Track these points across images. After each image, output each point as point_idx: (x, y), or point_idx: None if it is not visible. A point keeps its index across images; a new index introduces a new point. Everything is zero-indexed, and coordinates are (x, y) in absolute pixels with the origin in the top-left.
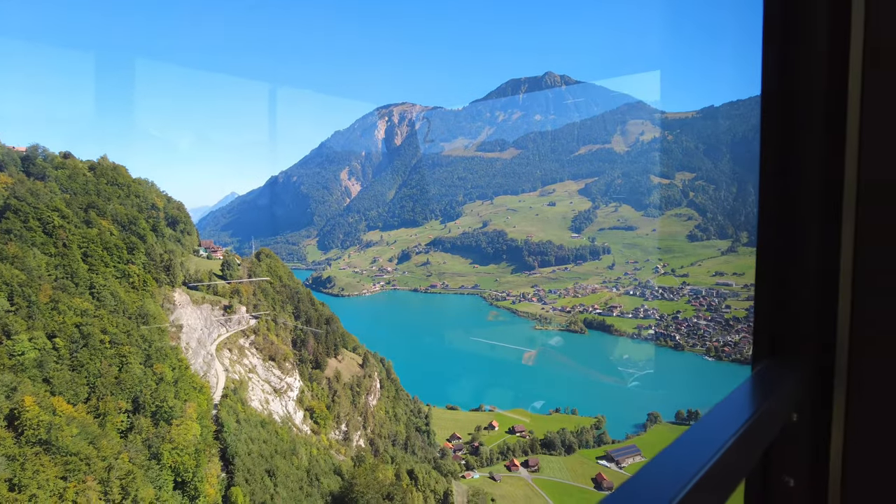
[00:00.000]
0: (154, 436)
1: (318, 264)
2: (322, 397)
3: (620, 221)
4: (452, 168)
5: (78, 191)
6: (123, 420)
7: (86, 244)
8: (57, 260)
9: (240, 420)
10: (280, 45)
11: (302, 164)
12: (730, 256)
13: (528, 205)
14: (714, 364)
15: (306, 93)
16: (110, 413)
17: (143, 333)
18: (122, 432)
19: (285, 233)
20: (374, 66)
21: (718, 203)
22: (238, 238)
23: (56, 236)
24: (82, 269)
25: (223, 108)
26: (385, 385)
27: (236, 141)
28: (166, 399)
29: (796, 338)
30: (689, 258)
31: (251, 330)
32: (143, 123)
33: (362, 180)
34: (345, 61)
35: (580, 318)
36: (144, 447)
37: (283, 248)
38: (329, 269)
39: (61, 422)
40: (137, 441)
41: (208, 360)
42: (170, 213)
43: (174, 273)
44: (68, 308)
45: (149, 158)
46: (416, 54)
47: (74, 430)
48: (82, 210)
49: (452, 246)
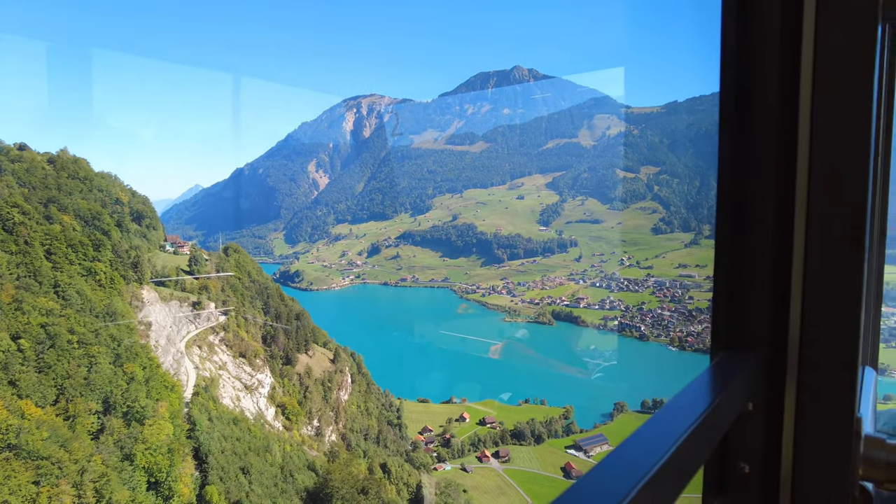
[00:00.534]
0: (126, 436)
1: (285, 258)
2: (293, 393)
3: (587, 215)
4: (422, 161)
5: (37, 185)
6: (94, 422)
7: (49, 241)
8: (18, 258)
9: (212, 418)
10: (244, 34)
11: (268, 155)
12: (692, 249)
13: (497, 198)
14: (677, 353)
15: (272, 82)
16: (80, 415)
17: (112, 332)
18: (94, 434)
19: (251, 226)
20: (341, 57)
21: (682, 196)
22: (203, 231)
23: (17, 233)
24: (46, 266)
25: (186, 98)
26: (356, 379)
27: (200, 132)
28: (138, 399)
29: (751, 331)
30: (653, 250)
31: (221, 326)
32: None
33: (330, 173)
34: (311, 51)
35: (548, 310)
36: (117, 448)
37: (249, 242)
38: (297, 263)
39: (31, 425)
40: (109, 442)
41: (178, 358)
42: (135, 208)
43: (142, 270)
44: (33, 308)
45: (107, 150)
46: (385, 46)
47: (45, 434)
48: (42, 205)
49: (423, 239)
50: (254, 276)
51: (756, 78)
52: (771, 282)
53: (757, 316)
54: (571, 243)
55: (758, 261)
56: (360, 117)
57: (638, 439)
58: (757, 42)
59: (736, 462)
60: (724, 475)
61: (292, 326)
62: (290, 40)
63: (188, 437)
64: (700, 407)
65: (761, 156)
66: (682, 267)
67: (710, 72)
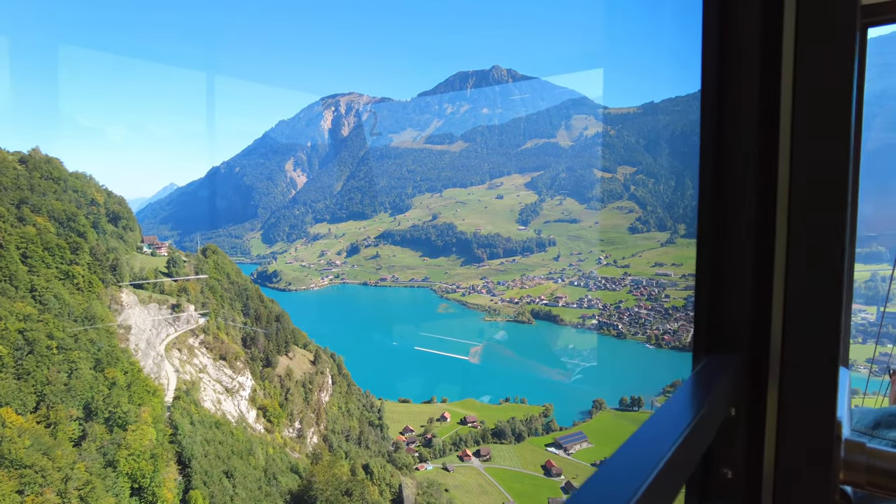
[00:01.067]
0: (109, 443)
1: (263, 258)
2: (275, 396)
3: (565, 214)
4: (401, 160)
5: (8, 186)
6: (75, 428)
7: (24, 244)
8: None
9: (194, 422)
10: (221, 30)
11: (245, 154)
12: (668, 248)
13: (476, 197)
14: (654, 351)
15: (249, 80)
16: (62, 422)
17: (92, 337)
18: (75, 441)
19: (228, 225)
20: (319, 55)
21: (658, 196)
22: (179, 231)
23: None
24: (22, 270)
25: (160, 95)
26: (337, 381)
27: (174, 129)
28: (120, 404)
29: (733, 334)
30: (630, 249)
31: (200, 329)
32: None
33: (308, 172)
34: (289, 48)
35: (528, 309)
36: (100, 455)
37: (225, 242)
38: (275, 263)
39: (12, 434)
40: (92, 449)
41: (158, 362)
42: (111, 209)
43: (120, 272)
44: (10, 313)
45: (77, 147)
46: (363, 44)
47: (27, 442)
48: (14, 206)
49: (402, 239)
50: (233, 277)
51: (737, 75)
52: (752, 283)
53: (739, 318)
54: (550, 242)
55: (739, 262)
56: (338, 116)
57: (628, 452)
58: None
59: (719, 468)
60: (706, 482)
61: (272, 328)
62: (268, 37)
63: (171, 441)
64: (686, 417)
65: (742, 155)
66: (658, 265)
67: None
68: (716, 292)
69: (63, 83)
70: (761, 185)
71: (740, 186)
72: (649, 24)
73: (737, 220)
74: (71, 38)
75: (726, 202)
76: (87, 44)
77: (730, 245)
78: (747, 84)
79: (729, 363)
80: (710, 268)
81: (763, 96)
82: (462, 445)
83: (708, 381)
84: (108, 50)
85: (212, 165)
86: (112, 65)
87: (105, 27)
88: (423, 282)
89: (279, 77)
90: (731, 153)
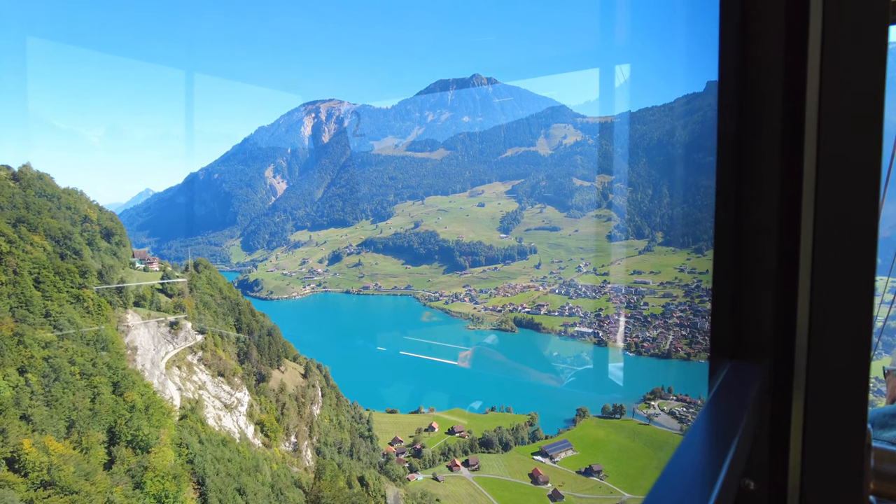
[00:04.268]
0: (137, 465)
1: (243, 266)
2: (271, 410)
3: (545, 222)
4: (382, 167)
5: (5, 205)
6: (103, 453)
7: (37, 269)
8: (9, 288)
9: (202, 440)
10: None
11: (224, 160)
12: (646, 255)
13: (458, 205)
14: (634, 358)
15: (228, 84)
16: (93, 447)
17: (107, 361)
18: (105, 464)
19: (207, 233)
20: (299, 61)
21: (635, 204)
22: (157, 238)
23: (6, 263)
24: (36, 296)
25: (134, 96)
26: (326, 392)
27: (149, 132)
28: (141, 427)
29: (756, 340)
30: (609, 257)
31: (198, 346)
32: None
33: (288, 178)
34: (268, 53)
35: (511, 317)
36: (128, 477)
37: (205, 250)
38: (256, 271)
39: (58, 461)
40: (121, 472)
41: (162, 381)
42: (104, 225)
43: (126, 293)
44: (33, 341)
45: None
46: (344, 50)
47: (70, 468)
48: (11, 226)
49: (384, 247)
50: (225, 292)
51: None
52: (776, 288)
53: (762, 323)
54: (531, 250)
55: (763, 266)
56: (318, 122)
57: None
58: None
59: (741, 479)
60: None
61: (264, 342)
62: (248, 41)
63: (188, 461)
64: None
65: (764, 154)
66: (636, 273)
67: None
68: (738, 297)
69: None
70: (784, 185)
71: (761, 187)
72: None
73: (758, 221)
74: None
75: (747, 203)
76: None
77: (751, 248)
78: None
79: (754, 370)
80: (730, 272)
81: (788, 93)
82: (451, 455)
83: (735, 389)
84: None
85: (189, 171)
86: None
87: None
88: (405, 290)
89: (259, 81)
90: (753, 151)
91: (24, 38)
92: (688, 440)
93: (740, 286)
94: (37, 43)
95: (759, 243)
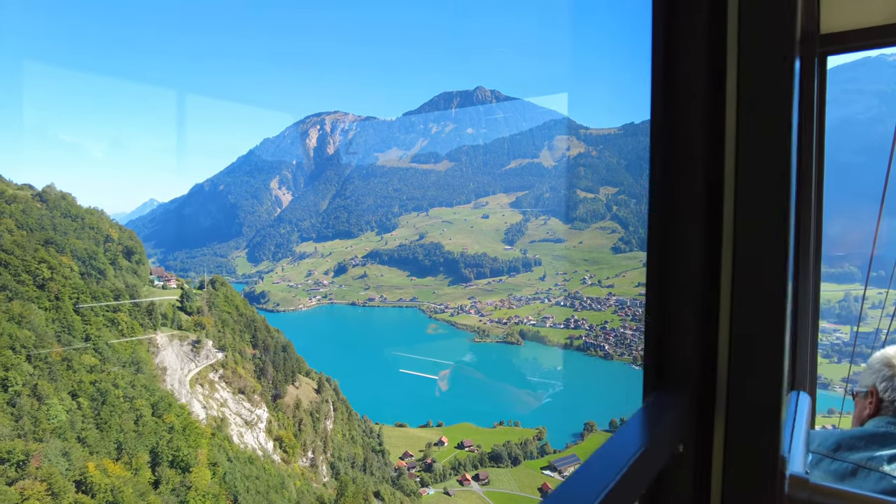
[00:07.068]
0: (181, 485)
1: (248, 277)
2: (288, 426)
3: (549, 234)
4: (387, 179)
5: (34, 227)
6: (149, 473)
7: (76, 295)
8: (52, 314)
9: (230, 458)
10: (205, 47)
11: (229, 171)
12: None
13: (462, 217)
14: (639, 372)
15: (233, 98)
16: (142, 468)
17: (143, 383)
18: (153, 484)
19: (212, 244)
20: (305, 74)
21: (639, 216)
22: (162, 249)
23: (48, 289)
24: (77, 321)
25: (139, 110)
26: (337, 407)
27: (154, 143)
28: (180, 448)
29: (682, 369)
30: (613, 269)
31: (219, 363)
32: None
33: (294, 190)
34: (274, 68)
35: (516, 330)
36: (174, 497)
37: (210, 261)
38: (262, 283)
39: (119, 483)
40: (167, 492)
41: (188, 400)
42: (125, 244)
43: (154, 314)
44: (80, 365)
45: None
46: (349, 64)
47: (129, 489)
48: (41, 247)
49: (390, 258)
50: (242, 309)
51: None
52: (699, 322)
53: (686, 357)
54: (536, 262)
55: (686, 301)
56: (323, 134)
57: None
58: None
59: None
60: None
61: (279, 358)
62: (253, 55)
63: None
64: (631, 452)
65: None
66: (641, 286)
67: None
68: (664, 330)
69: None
70: (706, 226)
71: (686, 213)
72: (627, 46)
73: (683, 247)
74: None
75: (673, 227)
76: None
77: (677, 285)
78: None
79: (677, 400)
80: (658, 297)
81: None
82: (461, 470)
83: (655, 416)
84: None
85: (195, 182)
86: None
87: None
88: (411, 301)
89: (265, 95)
90: (680, 189)
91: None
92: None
93: (668, 319)
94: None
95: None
